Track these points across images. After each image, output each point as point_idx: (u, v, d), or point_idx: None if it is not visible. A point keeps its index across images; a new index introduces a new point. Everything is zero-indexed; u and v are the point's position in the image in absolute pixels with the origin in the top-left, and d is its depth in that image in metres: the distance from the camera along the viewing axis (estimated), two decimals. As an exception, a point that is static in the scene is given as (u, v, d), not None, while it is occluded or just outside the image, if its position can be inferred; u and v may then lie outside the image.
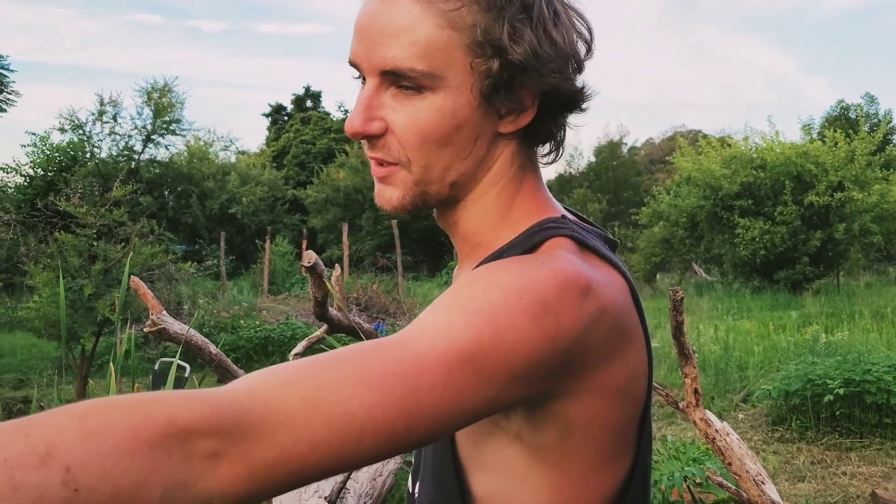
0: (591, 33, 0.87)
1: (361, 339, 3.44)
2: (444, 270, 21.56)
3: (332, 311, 3.75)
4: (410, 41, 0.80)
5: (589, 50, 0.87)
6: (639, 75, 72.86)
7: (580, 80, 0.88)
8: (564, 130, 0.92)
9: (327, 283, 3.29)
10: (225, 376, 3.37)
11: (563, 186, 32.58)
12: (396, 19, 0.81)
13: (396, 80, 0.82)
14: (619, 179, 33.46)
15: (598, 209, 28.47)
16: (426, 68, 0.80)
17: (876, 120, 27.42)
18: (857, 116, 25.01)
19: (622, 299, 0.82)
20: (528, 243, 0.85)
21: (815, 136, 20.76)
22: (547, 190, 0.95)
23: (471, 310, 0.72)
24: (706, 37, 70.34)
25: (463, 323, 0.70)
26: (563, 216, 0.91)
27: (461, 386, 0.67)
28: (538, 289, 0.74)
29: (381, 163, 0.87)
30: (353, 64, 0.87)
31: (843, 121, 26.14)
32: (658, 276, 21.39)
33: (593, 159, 35.00)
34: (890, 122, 21.27)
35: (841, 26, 69.65)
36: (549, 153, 0.94)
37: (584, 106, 0.90)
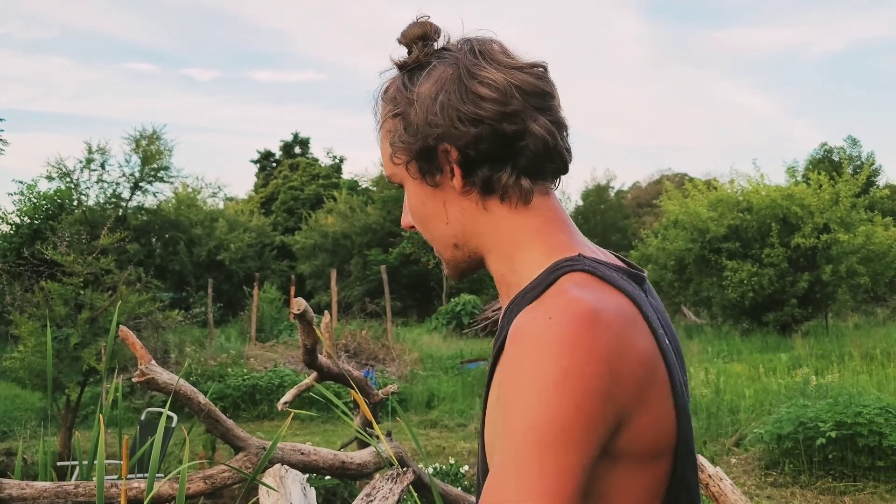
0: (499, 89, 0.95)
1: (351, 387, 3.41)
2: (433, 315, 21.48)
3: (322, 359, 3.71)
4: (383, 158, 1.07)
5: (502, 102, 0.95)
6: (625, 118, 73.59)
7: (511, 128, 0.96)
8: (525, 176, 0.99)
9: (317, 331, 3.27)
10: (214, 426, 3.32)
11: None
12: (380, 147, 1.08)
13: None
14: (606, 223, 33.57)
15: (586, 253, 28.44)
16: (389, 173, 1.08)
17: (859, 162, 27.76)
18: (840, 159, 25.26)
19: (630, 328, 0.87)
20: (543, 283, 0.94)
21: (799, 178, 20.99)
22: (564, 230, 1.03)
23: (521, 430, 0.80)
24: (693, 80, 71.20)
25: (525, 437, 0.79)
26: (580, 254, 0.97)
27: (562, 471, 0.78)
28: (552, 360, 0.81)
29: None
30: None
31: (826, 163, 26.43)
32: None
33: (581, 203, 35.17)
34: (873, 163, 21.52)
35: (826, 70, 70.73)
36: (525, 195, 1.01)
37: (522, 146, 0.97)
